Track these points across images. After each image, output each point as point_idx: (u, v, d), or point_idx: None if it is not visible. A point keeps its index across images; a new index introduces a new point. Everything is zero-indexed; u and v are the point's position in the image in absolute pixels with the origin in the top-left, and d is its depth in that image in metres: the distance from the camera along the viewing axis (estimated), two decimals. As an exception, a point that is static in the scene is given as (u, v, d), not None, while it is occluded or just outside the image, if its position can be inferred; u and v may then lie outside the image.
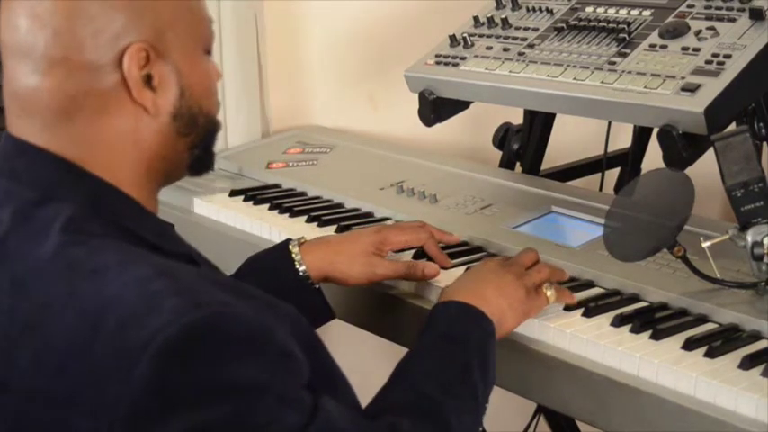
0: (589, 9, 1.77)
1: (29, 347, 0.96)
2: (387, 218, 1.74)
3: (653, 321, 1.29)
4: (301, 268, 1.38)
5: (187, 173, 1.14)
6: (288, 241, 1.42)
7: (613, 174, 2.09)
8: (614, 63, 1.61)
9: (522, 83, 1.69)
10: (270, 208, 1.81)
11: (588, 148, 2.10)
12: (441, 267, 1.45)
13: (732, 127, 1.50)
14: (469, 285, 1.26)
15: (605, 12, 1.74)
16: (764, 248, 1.29)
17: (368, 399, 1.12)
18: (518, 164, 2.02)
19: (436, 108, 1.84)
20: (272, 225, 1.71)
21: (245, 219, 1.77)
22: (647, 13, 1.68)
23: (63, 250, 0.97)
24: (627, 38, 1.64)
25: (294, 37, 2.40)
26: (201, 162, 1.13)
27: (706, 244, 1.32)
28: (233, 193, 1.90)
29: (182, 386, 0.91)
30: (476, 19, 1.88)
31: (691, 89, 1.47)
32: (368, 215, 1.77)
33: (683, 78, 1.50)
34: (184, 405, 0.91)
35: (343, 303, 1.47)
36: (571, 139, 2.15)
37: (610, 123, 1.97)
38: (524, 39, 1.78)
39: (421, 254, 1.50)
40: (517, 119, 2.01)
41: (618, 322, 1.29)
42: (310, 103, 2.43)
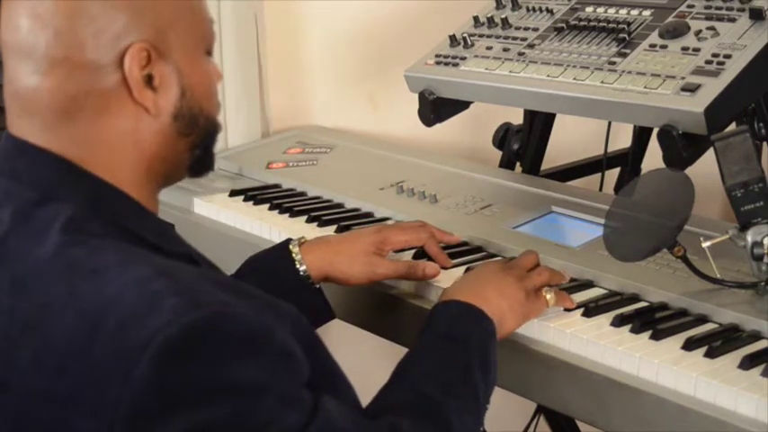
0: (589, 9, 1.77)
1: (29, 347, 0.95)
2: (387, 218, 1.74)
3: (653, 321, 1.29)
4: (302, 268, 1.38)
5: (187, 174, 1.14)
6: (288, 241, 1.42)
7: (613, 174, 2.09)
8: (614, 63, 1.61)
9: (522, 83, 1.69)
10: (270, 208, 1.81)
11: (588, 148, 2.10)
12: (441, 267, 1.45)
13: (732, 127, 1.50)
14: (470, 286, 1.26)
15: (605, 12, 1.74)
16: (764, 248, 1.29)
17: (368, 399, 1.12)
18: (518, 164, 2.02)
19: (436, 108, 1.84)
20: (272, 225, 1.71)
21: (245, 219, 1.77)
22: (647, 13, 1.68)
23: (63, 250, 0.97)
24: (627, 38, 1.64)
25: (294, 37, 2.40)
26: (202, 163, 1.13)
27: (706, 244, 1.32)
28: (233, 193, 1.90)
29: (182, 386, 0.91)
30: (476, 19, 1.88)
31: (691, 89, 1.47)
32: (368, 215, 1.77)
33: (683, 78, 1.50)
34: (184, 405, 0.91)
35: (343, 303, 1.47)
36: (571, 139, 2.15)
37: (610, 123, 1.97)
38: (524, 39, 1.78)
39: (421, 254, 1.50)
40: (517, 119, 2.01)
41: (618, 322, 1.29)
42: (310, 103, 2.43)
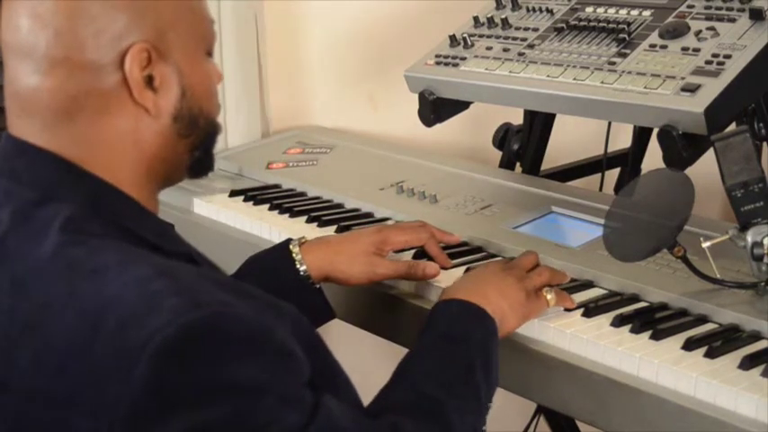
0: (589, 9, 1.77)
1: (29, 347, 0.95)
2: (387, 218, 1.74)
3: (653, 321, 1.29)
4: (302, 268, 1.38)
5: (187, 175, 1.14)
6: (288, 241, 1.42)
7: (613, 174, 2.09)
8: (614, 63, 1.61)
9: (522, 83, 1.69)
10: (270, 208, 1.81)
11: (588, 149, 2.10)
12: (441, 267, 1.45)
13: (732, 127, 1.50)
14: (470, 286, 1.26)
15: (605, 12, 1.74)
16: (764, 248, 1.29)
17: (368, 398, 1.12)
18: (518, 164, 2.02)
19: (436, 108, 1.84)
20: (272, 225, 1.71)
21: (245, 219, 1.77)
22: (647, 14, 1.68)
23: (63, 250, 0.97)
24: (627, 38, 1.64)
25: (294, 37, 2.40)
26: (201, 164, 1.13)
27: (706, 244, 1.31)
28: (233, 194, 1.89)
29: (181, 386, 0.91)
30: (476, 19, 1.88)
31: (691, 89, 1.47)
32: (368, 215, 1.77)
33: (683, 78, 1.50)
34: (184, 405, 0.91)
35: (343, 303, 1.47)
36: (571, 139, 2.15)
37: (610, 123, 1.97)
38: (524, 39, 1.78)
39: (421, 254, 1.50)
40: (517, 119, 2.01)
41: (618, 322, 1.29)
42: (310, 103, 2.43)
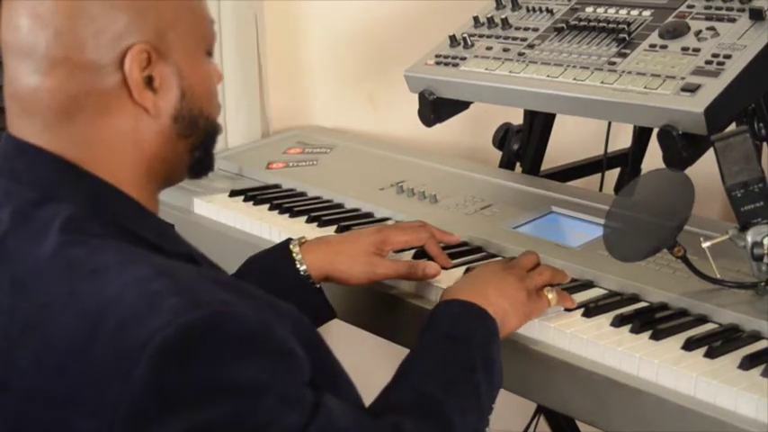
0: (589, 9, 1.77)
1: (29, 347, 0.95)
2: (387, 218, 1.74)
3: (653, 321, 1.29)
4: (302, 268, 1.38)
5: (187, 175, 1.14)
6: (288, 241, 1.41)
7: (613, 174, 2.09)
8: (614, 63, 1.61)
9: (522, 83, 1.69)
10: (270, 208, 1.81)
11: (588, 149, 2.10)
12: (441, 267, 1.45)
13: (732, 127, 1.50)
14: (471, 286, 1.26)
15: (605, 12, 1.74)
16: (764, 248, 1.29)
17: (368, 398, 1.12)
18: (518, 164, 2.02)
19: (436, 108, 1.84)
20: (272, 225, 1.71)
21: (245, 219, 1.77)
22: (647, 14, 1.68)
23: (63, 250, 0.97)
24: (627, 38, 1.64)
25: (294, 37, 2.40)
26: (202, 164, 1.13)
27: (706, 244, 1.31)
28: (233, 194, 1.90)
29: (181, 386, 0.91)
30: (476, 19, 1.88)
31: (691, 89, 1.47)
32: (368, 215, 1.77)
33: (683, 78, 1.50)
34: (184, 405, 0.91)
35: (343, 303, 1.47)
36: (571, 139, 2.15)
37: (610, 123, 1.97)
38: (524, 39, 1.78)
39: (421, 254, 1.50)
40: (517, 119, 2.01)
41: (618, 322, 1.29)
42: (310, 103, 2.43)
